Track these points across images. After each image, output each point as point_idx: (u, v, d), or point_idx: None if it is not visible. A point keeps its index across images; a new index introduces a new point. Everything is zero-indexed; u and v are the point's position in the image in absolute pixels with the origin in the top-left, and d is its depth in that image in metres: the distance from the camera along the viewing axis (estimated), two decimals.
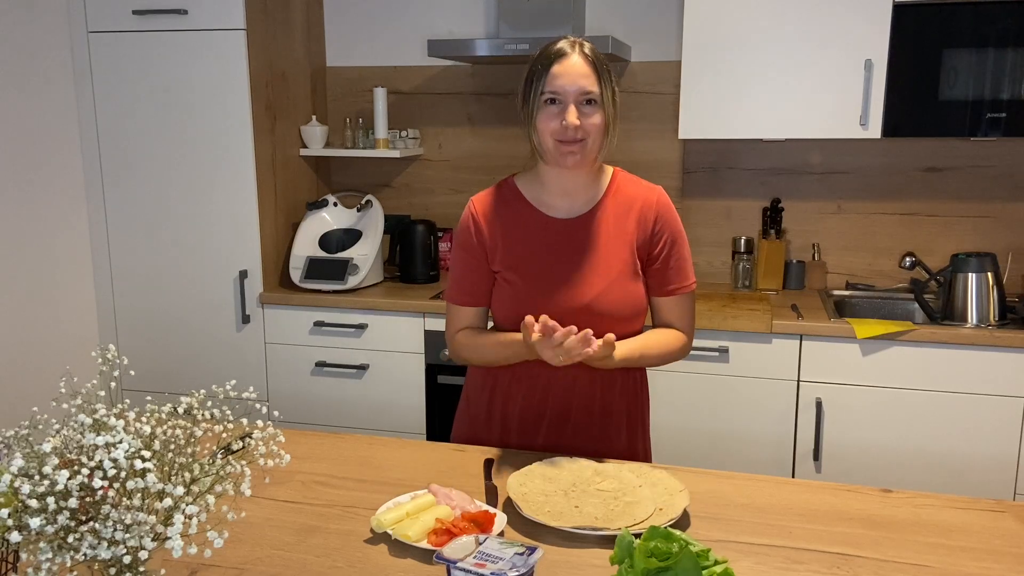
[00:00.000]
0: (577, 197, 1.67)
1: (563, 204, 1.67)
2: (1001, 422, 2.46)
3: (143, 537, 0.95)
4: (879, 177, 2.98)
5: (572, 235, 1.65)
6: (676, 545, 1.04)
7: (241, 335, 3.03)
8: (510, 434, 1.72)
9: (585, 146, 1.58)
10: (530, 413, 1.70)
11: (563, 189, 1.66)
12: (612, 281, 1.63)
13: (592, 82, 1.56)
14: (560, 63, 1.56)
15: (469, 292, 1.71)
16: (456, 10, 3.22)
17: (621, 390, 1.72)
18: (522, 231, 1.67)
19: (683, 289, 1.70)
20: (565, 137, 1.56)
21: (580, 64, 1.56)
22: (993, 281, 2.58)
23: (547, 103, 1.57)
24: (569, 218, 1.66)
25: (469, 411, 1.79)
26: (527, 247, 1.66)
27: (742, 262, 3.03)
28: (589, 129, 1.56)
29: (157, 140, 2.97)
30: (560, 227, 1.66)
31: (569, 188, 1.66)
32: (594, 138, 1.58)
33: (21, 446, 1.02)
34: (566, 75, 1.55)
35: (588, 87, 1.55)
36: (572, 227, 1.66)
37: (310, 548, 1.28)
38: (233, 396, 1.18)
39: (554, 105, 1.57)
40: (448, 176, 3.35)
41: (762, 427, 2.63)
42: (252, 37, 2.87)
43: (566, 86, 1.55)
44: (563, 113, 1.55)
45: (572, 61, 1.56)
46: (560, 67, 1.56)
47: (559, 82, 1.55)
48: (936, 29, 2.54)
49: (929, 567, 1.22)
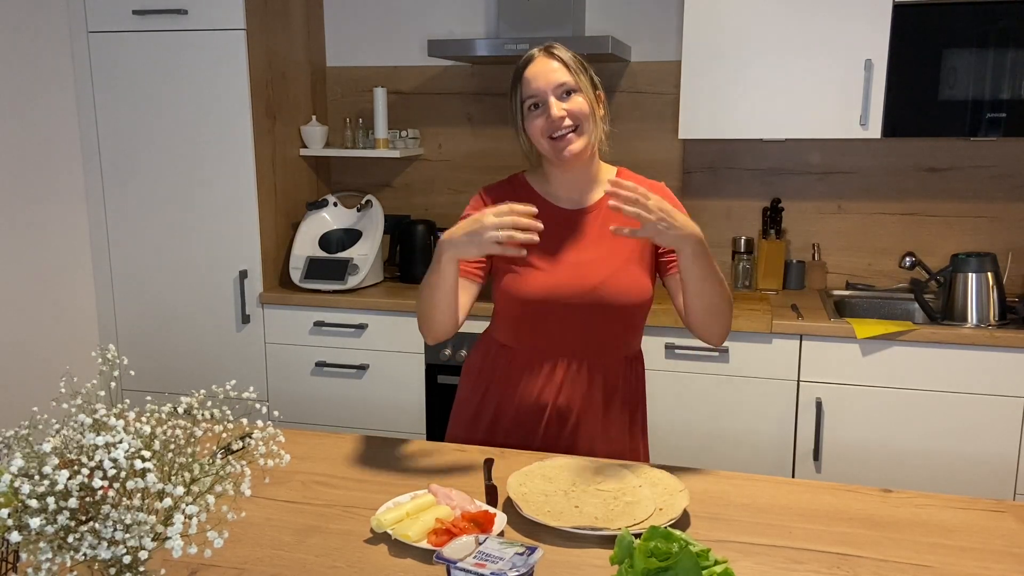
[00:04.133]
0: (584, 189, 1.70)
1: (570, 196, 1.70)
2: (1001, 422, 2.46)
3: (143, 537, 0.95)
4: (879, 177, 2.98)
5: (578, 224, 1.68)
6: (676, 545, 1.04)
7: (241, 335, 3.03)
8: (506, 434, 1.72)
9: (580, 133, 1.61)
10: (526, 412, 1.70)
11: (568, 184, 1.70)
12: (618, 268, 1.64)
13: (563, 74, 1.60)
14: (529, 68, 1.63)
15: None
16: (456, 10, 3.22)
17: (619, 387, 1.72)
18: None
19: None
20: (554, 129, 1.60)
21: (547, 62, 1.62)
22: (993, 281, 2.58)
23: (531, 109, 1.62)
24: (577, 208, 1.70)
25: (463, 412, 1.79)
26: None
27: (742, 262, 3.03)
28: (576, 114, 1.60)
29: (157, 140, 2.97)
30: (567, 216, 1.69)
31: (574, 180, 1.69)
32: (586, 121, 1.61)
33: (21, 446, 1.02)
34: (537, 76, 1.61)
35: (560, 79, 1.60)
36: (579, 216, 1.69)
37: (310, 548, 1.28)
38: (233, 396, 1.18)
39: (537, 109, 1.62)
40: (448, 176, 3.35)
41: (762, 427, 2.63)
42: (252, 37, 2.87)
43: (541, 86, 1.60)
44: (546, 111, 1.60)
45: (539, 62, 1.62)
46: (530, 71, 1.62)
47: (534, 86, 1.61)
48: (936, 29, 2.54)
49: (929, 567, 1.22)
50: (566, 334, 1.66)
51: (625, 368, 1.73)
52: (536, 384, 1.69)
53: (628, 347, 1.73)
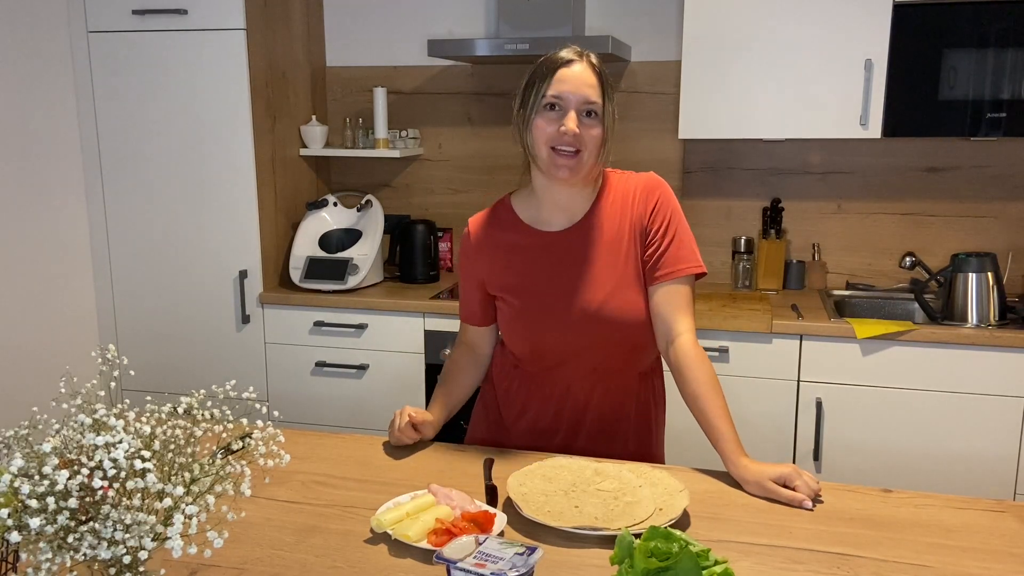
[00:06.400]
0: (573, 208, 1.63)
1: (559, 217, 1.63)
2: (1001, 422, 2.46)
3: (143, 537, 0.95)
4: (879, 177, 2.98)
5: (569, 246, 1.62)
6: (676, 545, 1.04)
7: (241, 335, 3.03)
8: (525, 439, 1.72)
9: (580, 160, 1.53)
10: (545, 420, 1.70)
11: (557, 203, 1.62)
12: (615, 286, 1.60)
13: (596, 93, 1.53)
14: (567, 69, 1.53)
15: (468, 310, 1.76)
16: (456, 10, 3.22)
17: (638, 402, 1.71)
18: (517, 254, 1.65)
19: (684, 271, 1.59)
20: (561, 143, 1.52)
21: (587, 73, 1.53)
22: (993, 281, 2.58)
23: (547, 108, 1.52)
24: (564, 229, 1.63)
25: (487, 417, 1.79)
26: (524, 268, 1.64)
27: (742, 262, 3.03)
28: (587, 140, 1.52)
29: (157, 140, 2.97)
30: (555, 240, 1.63)
31: (563, 202, 1.62)
32: (590, 152, 1.53)
33: (21, 446, 1.02)
34: (571, 81, 1.52)
35: (592, 97, 1.52)
36: (567, 238, 1.62)
37: (310, 548, 1.28)
38: (233, 396, 1.18)
39: (554, 111, 1.52)
40: (448, 176, 3.35)
41: (762, 427, 2.63)
42: (252, 37, 2.87)
43: (569, 92, 1.51)
44: (562, 119, 1.51)
45: (578, 69, 1.53)
46: (566, 72, 1.52)
47: (563, 87, 1.51)
48: (936, 29, 2.53)
49: (929, 567, 1.22)
50: (576, 358, 1.64)
51: (638, 384, 1.70)
52: (551, 403, 1.69)
53: (640, 362, 1.69)
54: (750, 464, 1.48)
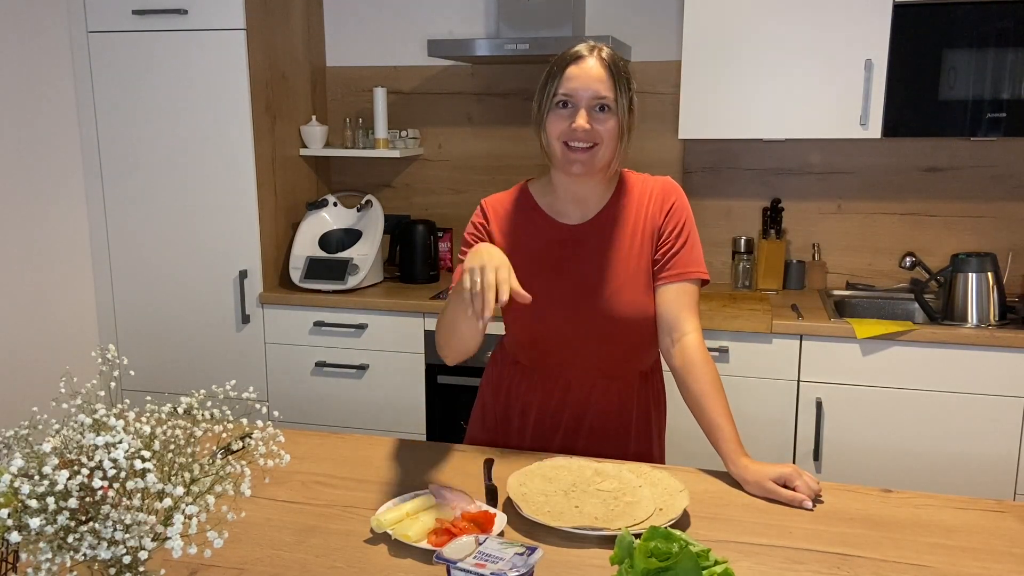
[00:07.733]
0: (589, 203, 1.63)
1: (575, 211, 1.64)
2: (1001, 422, 2.46)
3: (143, 537, 0.95)
4: (879, 177, 2.98)
5: (582, 240, 1.63)
6: (676, 545, 1.04)
7: (241, 335, 3.03)
8: (525, 440, 1.72)
9: (595, 155, 1.54)
10: (546, 421, 1.70)
11: (574, 196, 1.63)
12: (623, 282, 1.60)
13: (606, 87, 1.52)
14: (576, 65, 1.53)
15: None
16: (456, 10, 3.22)
17: (639, 400, 1.71)
18: (530, 237, 1.64)
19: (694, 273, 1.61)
20: (573, 139, 1.52)
21: (596, 68, 1.52)
22: (993, 281, 2.58)
23: (558, 105, 1.53)
24: (581, 223, 1.63)
25: (485, 417, 1.79)
26: (534, 253, 1.64)
27: (742, 262, 3.03)
28: (601, 135, 1.52)
29: (157, 140, 2.97)
30: (569, 232, 1.63)
31: (580, 195, 1.63)
32: (605, 145, 1.53)
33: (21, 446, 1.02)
34: (580, 78, 1.52)
35: (601, 92, 1.52)
36: (583, 231, 1.63)
37: (310, 548, 1.28)
38: (233, 396, 1.18)
39: (565, 108, 1.53)
40: (448, 176, 3.35)
41: (762, 427, 2.63)
42: (252, 37, 2.87)
43: (578, 89, 1.52)
44: (573, 116, 1.52)
45: (588, 64, 1.53)
46: (575, 69, 1.53)
47: (572, 84, 1.52)
48: (936, 29, 2.53)
49: (929, 567, 1.22)
50: (578, 353, 1.64)
51: (639, 384, 1.70)
52: (552, 400, 1.69)
53: (642, 362, 1.70)
54: (750, 464, 1.48)
